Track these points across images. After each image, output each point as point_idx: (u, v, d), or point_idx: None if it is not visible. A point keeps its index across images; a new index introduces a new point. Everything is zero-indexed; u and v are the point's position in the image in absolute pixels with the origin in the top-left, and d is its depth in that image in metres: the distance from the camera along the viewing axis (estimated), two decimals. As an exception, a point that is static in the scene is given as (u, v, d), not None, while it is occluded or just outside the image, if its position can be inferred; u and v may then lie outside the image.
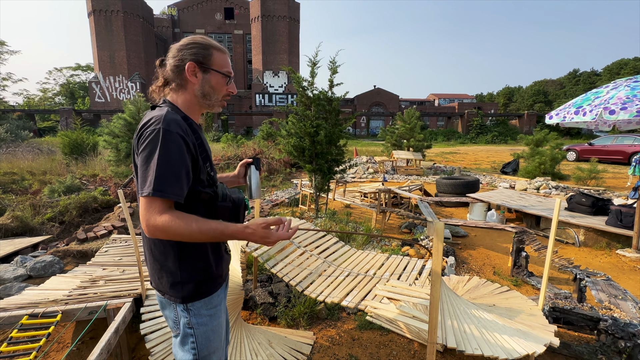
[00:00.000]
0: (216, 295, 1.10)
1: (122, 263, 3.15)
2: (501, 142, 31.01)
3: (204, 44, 1.03)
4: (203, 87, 1.03)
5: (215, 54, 1.04)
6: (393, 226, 5.34)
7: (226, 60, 1.07)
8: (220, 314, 1.12)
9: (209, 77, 1.03)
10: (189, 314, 1.05)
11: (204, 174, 1.01)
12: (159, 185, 0.87)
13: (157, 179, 0.87)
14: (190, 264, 1.03)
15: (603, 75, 50.69)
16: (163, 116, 0.93)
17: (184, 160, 0.92)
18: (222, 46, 1.08)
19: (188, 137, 0.94)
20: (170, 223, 0.87)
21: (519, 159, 11.41)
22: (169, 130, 0.90)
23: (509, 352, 1.49)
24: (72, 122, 14.70)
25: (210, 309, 1.08)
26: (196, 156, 0.97)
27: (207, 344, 1.08)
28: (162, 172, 0.88)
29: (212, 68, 1.03)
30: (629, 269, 3.72)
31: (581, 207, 4.85)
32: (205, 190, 1.01)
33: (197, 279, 1.04)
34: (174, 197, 0.89)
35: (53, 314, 2.02)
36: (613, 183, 8.99)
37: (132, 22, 36.05)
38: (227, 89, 1.08)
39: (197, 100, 1.05)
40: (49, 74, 48.32)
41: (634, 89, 3.15)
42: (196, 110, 1.08)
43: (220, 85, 1.05)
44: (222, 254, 1.13)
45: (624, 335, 2.05)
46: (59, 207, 5.29)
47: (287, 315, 2.60)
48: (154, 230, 0.88)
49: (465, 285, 2.54)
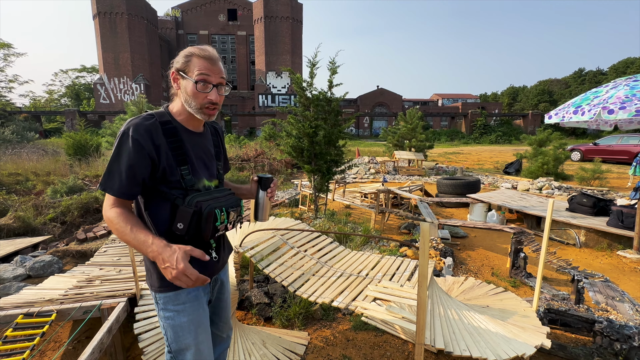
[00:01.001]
0: (184, 292, 1.11)
1: (119, 263, 3.18)
2: (505, 142, 30.79)
3: (188, 52, 1.06)
4: (184, 94, 1.07)
5: (193, 61, 1.05)
6: (392, 227, 5.32)
7: (202, 66, 1.04)
8: (191, 311, 1.11)
9: (185, 83, 1.06)
10: (157, 307, 1.12)
11: (174, 176, 1.04)
12: (104, 181, 0.99)
13: (104, 176, 0.99)
14: None
15: (609, 74, 50.07)
16: (130, 120, 1.02)
17: (132, 161, 0.97)
18: (209, 52, 1.06)
19: (149, 140, 0.99)
20: (112, 219, 0.97)
21: (521, 159, 11.33)
22: (126, 133, 0.99)
23: (498, 354, 1.48)
24: (76, 124, 14.86)
25: (177, 304, 1.10)
26: (157, 158, 1.01)
27: (176, 340, 1.11)
28: (108, 169, 0.99)
29: (186, 75, 1.05)
30: (629, 270, 3.67)
31: (582, 208, 4.80)
32: (171, 191, 1.05)
33: (158, 271, 1.08)
34: (112, 192, 0.98)
35: (48, 313, 2.05)
36: (617, 183, 8.88)
37: (136, 24, 36.35)
38: (205, 97, 1.06)
39: (185, 108, 1.09)
40: (55, 76, 48.97)
41: (633, 88, 3.12)
42: (189, 116, 1.11)
43: (193, 92, 1.05)
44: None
45: (620, 337, 2.03)
46: (60, 207, 5.35)
47: (283, 315, 2.61)
48: (105, 221, 1.02)
49: (460, 286, 2.53)
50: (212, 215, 1.04)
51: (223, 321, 1.36)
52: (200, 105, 1.07)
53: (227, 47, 46.39)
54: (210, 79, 1.05)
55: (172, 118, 1.09)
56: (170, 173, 1.04)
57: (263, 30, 37.89)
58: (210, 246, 1.14)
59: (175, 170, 1.04)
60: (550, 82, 59.03)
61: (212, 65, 1.06)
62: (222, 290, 1.32)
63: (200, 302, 1.15)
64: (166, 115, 1.08)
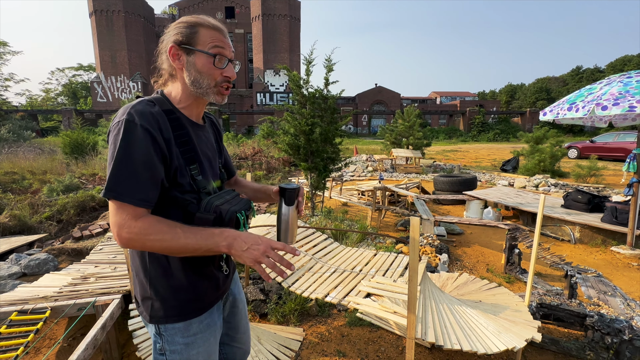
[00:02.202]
0: (196, 321, 0.93)
1: (115, 261, 3.18)
2: (503, 140, 30.87)
3: (190, 23, 0.88)
4: (190, 72, 0.87)
5: (202, 32, 0.87)
6: (389, 224, 5.34)
7: (216, 37, 0.88)
8: (202, 342, 0.95)
9: (193, 59, 0.87)
10: (161, 339, 0.92)
11: (184, 178, 0.86)
12: (113, 186, 0.75)
13: (110, 180, 0.75)
14: (159, 279, 0.88)
15: (607, 71, 50.19)
16: (130, 106, 0.80)
17: (147, 156, 0.77)
18: (216, 23, 0.90)
19: (158, 131, 0.80)
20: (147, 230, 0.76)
21: (518, 156, 11.36)
22: (132, 122, 0.77)
23: (489, 347, 1.49)
24: (73, 122, 14.81)
25: (188, 337, 0.92)
26: (168, 155, 0.82)
27: None
28: (116, 171, 0.76)
29: (195, 48, 0.86)
30: (622, 265, 3.70)
31: (577, 204, 4.83)
32: (184, 196, 0.86)
33: (166, 299, 0.89)
34: (130, 200, 0.75)
35: (42, 310, 2.05)
36: (613, 180, 8.93)
37: (133, 22, 36.17)
38: (221, 73, 0.89)
39: (189, 90, 0.90)
40: (52, 74, 48.72)
41: (627, 84, 3.13)
42: (192, 103, 0.92)
43: (207, 67, 0.87)
44: (207, 271, 0.94)
45: (611, 331, 2.05)
46: (57, 206, 5.34)
47: (278, 312, 2.62)
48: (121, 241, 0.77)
49: (454, 282, 2.54)
50: (234, 221, 0.88)
51: (241, 333, 1.19)
52: (216, 83, 0.89)
53: (225, 45, 46.20)
54: (225, 52, 0.89)
55: (173, 106, 0.89)
56: (180, 174, 0.85)
57: (261, 28, 37.77)
58: (222, 258, 1.00)
59: (185, 171, 0.87)
60: (548, 80, 59.13)
61: (224, 37, 0.90)
62: (235, 303, 1.15)
63: (212, 329, 0.98)
64: (167, 103, 0.88)
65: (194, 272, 0.91)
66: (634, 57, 47.96)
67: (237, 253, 0.78)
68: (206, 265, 0.94)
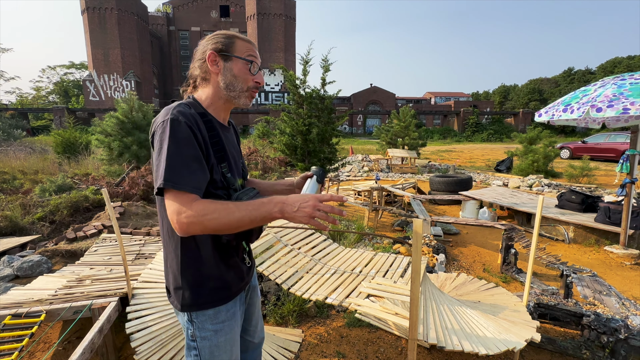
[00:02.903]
0: (224, 308, 1.02)
1: (110, 262, 3.14)
2: (497, 140, 31.18)
3: (227, 34, 1.01)
4: (225, 77, 0.99)
5: (238, 42, 1.00)
6: (386, 224, 5.35)
7: (250, 49, 1.01)
8: (229, 330, 1.04)
9: (230, 64, 0.98)
10: (192, 325, 1.00)
11: (217, 175, 0.95)
12: (170, 176, 0.82)
13: (166, 170, 0.82)
14: (190, 269, 0.97)
15: (597, 73, 51.06)
16: (172, 108, 0.90)
17: (195, 150, 0.87)
18: (248, 38, 1.04)
19: (198, 130, 0.90)
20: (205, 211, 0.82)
21: (512, 156, 11.49)
22: (177, 120, 0.86)
23: (490, 348, 1.50)
24: (65, 121, 14.59)
25: (217, 324, 1.01)
26: (206, 152, 0.92)
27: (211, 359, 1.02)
28: (170, 162, 0.83)
29: (233, 55, 0.98)
30: (616, 265, 3.76)
31: (571, 205, 4.89)
32: (217, 192, 0.95)
33: (197, 288, 0.98)
34: (188, 187, 0.83)
35: (37, 313, 2.01)
36: (605, 180, 9.08)
37: (126, 20, 35.77)
38: (252, 79, 1.01)
39: (221, 93, 1.00)
40: (43, 72, 47.96)
41: (621, 87, 3.18)
42: (221, 106, 1.03)
43: (243, 72, 0.99)
44: (232, 262, 1.04)
45: (607, 330, 2.08)
46: (49, 206, 5.24)
47: (276, 313, 2.61)
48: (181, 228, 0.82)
49: (452, 282, 2.56)
50: None
51: (254, 326, 1.26)
52: (247, 87, 1.01)
53: (220, 44, 45.87)
54: (257, 61, 1.02)
55: (204, 109, 0.99)
56: (214, 171, 0.95)
57: (256, 28, 37.62)
58: (245, 251, 1.08)
59: (217, 168, 0.96)
60: (540, 81, 59.89)
61: (255, 50, 1.04)
62: (253, 295, 1.24)
63: (236, 318, 1.07)
64: (199, 107, 0.99)
65: (222, 263, 1.00)
66: (624, 59, 48.84)
67: (290, 215, 0.83)
68: (232, 257, 1.03)
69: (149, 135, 0.94)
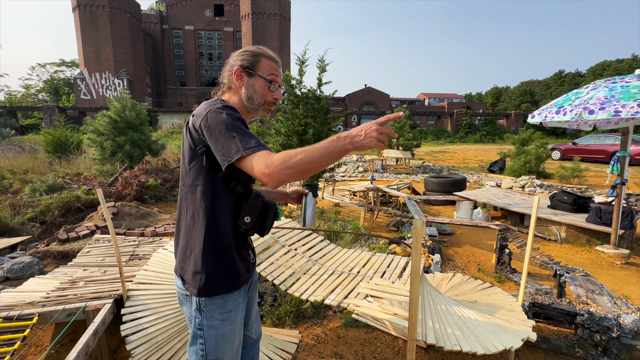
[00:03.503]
0: (231, 298, 1.08)
1: (104, 264, 3.09)
2: (489, 142, 31.54)
3: (255, 52, 1.11)
4: (247, 90, 1.10)
5: (263, 61, 1.10)
6: (381, 224, 5.37)
7: (273, 67, 1.11)
8: (234, 319, 1.10)
9: (253, 81, 1.09)
10: (200, 314, 1.06)
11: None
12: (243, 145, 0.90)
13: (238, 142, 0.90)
14: (211, 253, 1.05)
15: (587, 76, 52.05)
16: (216, 100, 1.03)
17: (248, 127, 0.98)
18: (275, 55, 1.14)
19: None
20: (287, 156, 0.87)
21: (505, 157, 11.63)
22: (226, 106, 0.99)
23: (487, 348, 1.52)
24: (55, 120, 14.33)
25: (224, 312, 1.07)
26: None
27: (216, 349, 1.08)
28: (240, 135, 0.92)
29: (256, 73, 1.09)
30: (607, 264, 3.83)
31: (563, 205, 4.97)
32: (244, 182, 1.05)
33: (213, 273, 1.05)
34: (263, 148, 0.90)
35: (29, 316, 1.97)
36: (595, 181, 9.25)
37: (118, 18, 35.30)
38: (271, 95, 1.12)
39: (244, 104, 1.11)
40: (32, 70, 47.16)
41: (612, 89, 3.24)
42: (244, 113, 1.13)
43: (262, 89, 1.10)
44: (243, 254, 1.13)
45: (600, 329, 2.11)
46: (40, 206, 5.14)
47: (273, 314, 2.60)
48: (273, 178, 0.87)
49: (449, 282, 2.58)
50: (274, 211, 1.08)
51: (252, 321, 1.32)
52: (265, 102, 1.11)
53: (214, 43, 45.59)
54: (277, 79, 1.12)
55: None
56: None
57: (250, 27, 37.48)
58: (250, 245, 1.14)
59: None
60: (532, 83, 60.75)
61: (279, 68, 1.14)
62: (252, 289, 1.30)
63: (240, 309, 1.13)
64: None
65: (237, 252, 1.08)
66: (613, 62, 49.84)
67: (360, 144, 0.87)
68: (243, 248, 1.12)
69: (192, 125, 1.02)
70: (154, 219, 4.97)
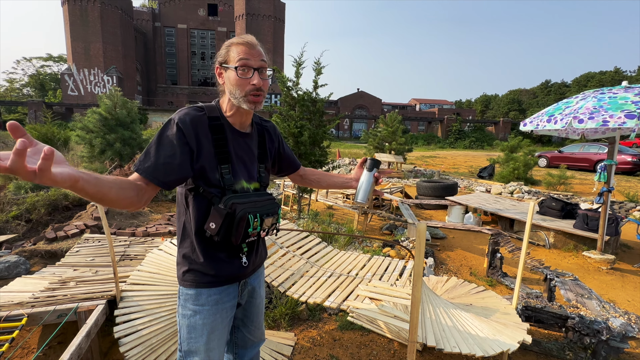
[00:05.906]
0: (205, 292, 1.10)
1: (94, 264, 3.01)
2: (478, 148, 32.12)
3: (227, 43, 1.05)
4: (228, 86, 1.04)
5: (231, 50, 1.02)
6: (374, 227, 5.40)
7: (242, 51, 1.00)
8: (208, 315, 1.10)
9: (228, 74, 1.03)
10: (178, 301, 1.13)
11: (214, 174, 1.03)
12: (138, 162, 0.95)
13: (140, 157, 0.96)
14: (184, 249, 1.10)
15: (572, 86, 53.73)
16: (180, 109, 1.03)
17: (172, 150, 0.95)
18: (247, 38, 1.03)
19: (191, 131, 0.98)
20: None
21: (494, 164, 11.87)
22: (172, 120, 0.99)
23: (485, 350, 1.54)
24: (41, 115, 13.93)
25: (196, 305, 1.10)
26: (196, 151, 0.99)
27: (188, 340, 1.11)
28: (145, 151, 0.96)
29: (228, 65, 1.03)
30: (593, 269, 3.94)
31: (551, 211, 5.09)
32: (210, 189, 1.03)
33: (187, 268, 1.09)
34: (143, 173, 0.93)
35: (18, 317, 1.90)
36: (580, 189, 9.52)
37: (109, 14, 34.70)
38: (249, 82, 1.01)
39: (232, 101, 1.06)
40: (17, 64, 45.63)
41: (600, 100, 3.36)
42: (236, 112, 1.08)
43: (236, 79, 1.00)
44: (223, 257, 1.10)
45: (590, 332, 2.17)
46: (25, 204, 4.99)
47: (268, 316, 2.57)
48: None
49: (444, 286, 2.61)
50: (245, 220, 1.01)
51: (255, 326, 1.34)
52: (245, 92, 1.01)
53: (207, 43, 45.23)
54: (250, 62, 1.00)
55: (221, 114, 1.08)
56: (210, 170, 1.02)
57: (244, 28, 37.35)
58: (242, 250, 1.13)
59: (216, 169, 1.03)
60: (519, 92, 62.27)
61: (251, 49, 1.01)
62: (254, 296, 1.30)
63: (219, 307, 1.12)
64: (216, 111, 1.07)
65: (206, 253, 1.08)
66: (596, 74, 51.56)
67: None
68: (220, 251, 1.10)
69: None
70: (145, 218, 4.88)
